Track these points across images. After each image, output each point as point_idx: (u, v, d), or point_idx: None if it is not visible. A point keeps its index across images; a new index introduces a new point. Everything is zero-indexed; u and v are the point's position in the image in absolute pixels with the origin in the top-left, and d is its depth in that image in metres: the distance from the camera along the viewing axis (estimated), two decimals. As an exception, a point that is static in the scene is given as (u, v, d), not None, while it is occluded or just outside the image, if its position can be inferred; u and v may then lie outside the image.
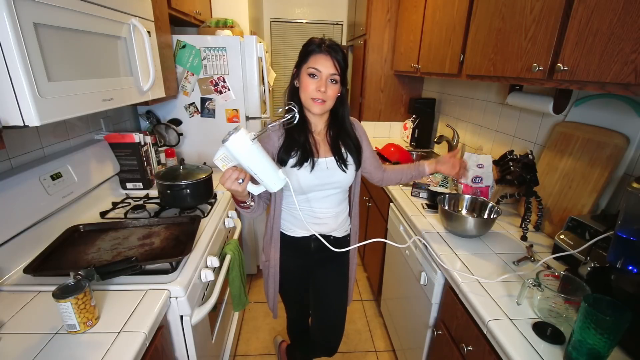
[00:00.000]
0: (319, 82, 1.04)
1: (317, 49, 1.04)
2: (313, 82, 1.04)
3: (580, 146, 1.27)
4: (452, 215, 1.31)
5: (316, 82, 1.04)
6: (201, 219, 1.39)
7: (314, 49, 1.04)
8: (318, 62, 1.03)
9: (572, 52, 0.95)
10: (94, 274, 0.90)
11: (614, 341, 0.70)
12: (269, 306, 1.36)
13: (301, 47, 1.08)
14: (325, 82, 1.04)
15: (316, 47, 1.04)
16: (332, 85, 1.05)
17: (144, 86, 1.31)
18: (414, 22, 2.15)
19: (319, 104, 1.06)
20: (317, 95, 1.04)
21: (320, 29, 4.02)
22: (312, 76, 1.04)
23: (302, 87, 1.07)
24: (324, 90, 1.04)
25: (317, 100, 1.05)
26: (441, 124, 2.52)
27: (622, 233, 0.82)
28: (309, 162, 1.08)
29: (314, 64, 1.03)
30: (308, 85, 1.05)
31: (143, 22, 1.30)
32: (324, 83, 1.04)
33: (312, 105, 1.06)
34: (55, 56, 0.86)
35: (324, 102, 1.06)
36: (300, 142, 1.09)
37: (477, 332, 0.96)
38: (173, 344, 1.07)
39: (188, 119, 2.07)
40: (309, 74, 1.04)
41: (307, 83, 1.05)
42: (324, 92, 1.04)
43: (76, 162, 1.36)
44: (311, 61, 1.04)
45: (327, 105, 1.07)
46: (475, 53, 1.44)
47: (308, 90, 1.05)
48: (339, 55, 1.04)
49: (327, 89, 1.04)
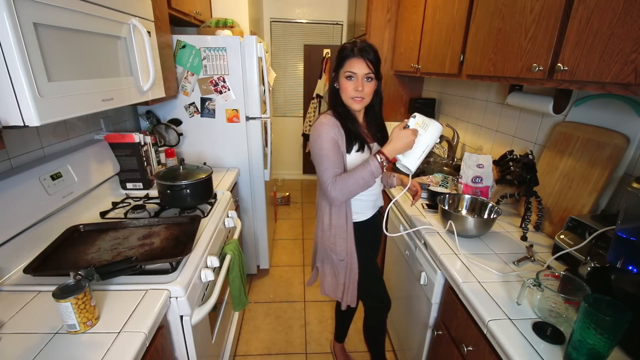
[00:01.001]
0: (356, 82, 1.18)
1: (350, 53, 1.17)
2: (351, 83, 1.19)
3: (580, 146, 1.27)
4: (452, 215, 1.31)
5: (353, 82, 1.18)
6: (201, 219, 1.39)
7: (347, 54, 1.18)
8: (353, 65, 1.17)
9: (572, 52, 0.94)
10: (94, 274, 0.90)
11: (614, 341, 0.70)
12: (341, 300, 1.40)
13: (336, 53, 1.23)
14: (362, 81, 1.18)
15: (349, 52, 1.17)
16: (367, 83, 1.19)
17: (144, 86, 1.31)
18: (414, 22, 2.15)
19: (358, 101, 1.21)
20: (355, 94, 1.19)
21: (320, 29, 4.02)
22: (349, 78, 1.19)
23: (342, 89, 1.22)
24: (362, 89, 1.18)
25: (356, 98, 1.20)
26: (441, 123, 2.52)
27: (622, 233, 0.82)
28: (366, 147, 1.25)
29: (350, 67, 1.17)
30: (347, 87, 1.19)
31: (143, 22, 1.30)
32: (360, 83, 1.18)
33: (353, 103, 1.22)
34: (55, 56, 0.86)
35: (362, 99, 1.21)
36: (356, 132, 1.24)
37: (477, 332, 0.97)
38: (173, 344, 1.07)
39: (188, 119, 2.08)
40: (346, 77, 1.19)
41: (346, 85, 1.19)
42: (362, 91, 1.18)
43: (76, 162, 1.36)
44: (347, 65, 1.18)
45: (365, 101, 1.22)
46: (475, 53, 1.44)
47: (348, 91, 1.20)
48: (371, 55, 1.17)
49: (364, 87, 1.19)
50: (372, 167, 1.12)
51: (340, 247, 1.31)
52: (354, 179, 1.13)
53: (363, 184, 1.14)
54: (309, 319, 2.14)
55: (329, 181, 1.15)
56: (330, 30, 4.04)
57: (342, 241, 1.31)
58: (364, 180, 1.13)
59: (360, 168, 1.13)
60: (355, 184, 1.14)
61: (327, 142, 1.17)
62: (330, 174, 1.16)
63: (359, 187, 1.15)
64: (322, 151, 1.17)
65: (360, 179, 1.13)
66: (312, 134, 1.22)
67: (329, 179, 1.15)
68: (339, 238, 1.30)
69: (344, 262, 1.33)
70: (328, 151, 1.17)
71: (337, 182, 1.15)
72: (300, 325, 2.09)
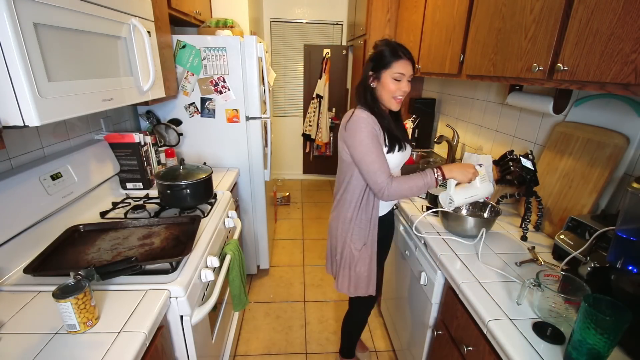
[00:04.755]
0: (402, 83, 1.21)
1: (401, 55, 1.19)
2: (397, 84, 1.21)
3: (580, 146, 1.27)
4: (452, 215, 1.31)
5: (399, 84, 1.21)
6: (201, 219, 1.39)
7: (398, 56, 1.19)
8: (402, 67, 1.19)
9: (572, 52, 0.95)
10: (94, 274, 0.90)
11: (614, 341, 0.70)
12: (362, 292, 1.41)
13: (376, 53, 1.23)
14: (407, 83, 1.22)
15: (399, 54, 1.19)
16: (409, 84, 1.23)
17: (144, 86, 1.31)
18: (413, 22, 2.15)
19: (399, 101, 1.25)
20: (401, 94, 1.23)
21: (320, 29, 4.02)
22: (397, 80, 1.21)
23: (385, 89, 1.23)
24: (406, 90, 1.22)
25: (398, 98, 1.24)
26: (441, 124, 2.52)
27: (622, 233, 0.82)
28: (404, 144, 1.30)
29: (400, 69, 1.19)
30: (394, 87, 1.21)
31: (143, 22, 1.30)
32: (406, 84, 1.22)
33: (394, 103, 1.25)
34: (55, 56, 0.86)
35: (402, 99, 1.25)
36: (394, 132, 1.27)
37: (477, 332, 0.97)
38: (173, 344, 1.07)
39: (188, 119, 2.08)
40: (394, 78, 1.20)
41: (393, 86, 1.21)
42: (406, 92, 1.23)
43: (76, 162, 1.36)
44: (396, 67, 1.19)
45: (403, 100, 1.27)
46: (475, 53, 1.44)
47: (392, 91, 1.22)
48: (412, 57, 1.22)
49: (407, 86, 1.22)
50: (428, 179, 1.19)
51: (357, 236, 1.34)
52: (409, 185, 1.20)
53: (416, 192, 1.21)
54: (309, 319, 2.15)
55: (385, 182, 1.19)
56: (330, 30, 4.04)
57: (362, 231, 1.34)
58: (418, 188, 1.20)
59: (417, 177, 1.20)
60: (410, 190, 1.20)
61: (369, 139, 1.19)
62: (386, 175, 1.19)
63: (411, 194, 1.22)
64: (370, 149, 1.19)
65: (415, 186, 1.20)
66: (351, 129, 1.22)
67: (385, 180, 1.19)
68: (358, 228, 1.34)
69: (363, 251, 1.35)
70: (375, 149, 1.19)
71: (393, 184, 1.19)
72: (300, 325, 2.09)
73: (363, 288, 1.40)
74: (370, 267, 1.38)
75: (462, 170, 1.21)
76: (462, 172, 1.21)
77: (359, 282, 1.40)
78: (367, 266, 1.37)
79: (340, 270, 1.42)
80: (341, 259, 1.40)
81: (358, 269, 1.38)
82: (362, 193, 1.30)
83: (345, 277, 1.41)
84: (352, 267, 1.38)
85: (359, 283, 1.40)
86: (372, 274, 1.39)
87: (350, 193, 1.32)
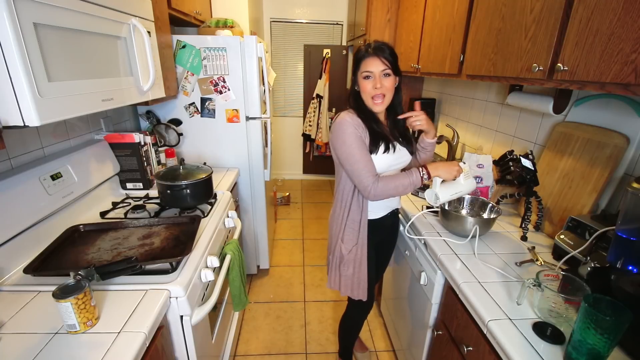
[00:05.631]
0: (374, 81, 1.20)
1: (365, 54, 1.20)
2: (369, 82, 1.21)
3: (580, 146, 1.27)
4: (452, 215, 1.31)
5: (371, 81, 1.21)
6: (201, 219, 1.39)
7: (362, 55, 1.21)
8: (368, 64, 1.19)
9: (572, 52, 0.94)
10: (94, 274, 0.90)
11: (614, 341, 0.70)
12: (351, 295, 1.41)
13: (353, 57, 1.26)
14: (379, 78, 1.19)
15: (364, 52, 1.20)
16: (386, 79, 1.21)
17: (144, 86, 1.31)
18: (413, 22, 2.15)
19: (378, 103, 1.22)
20: (374, 92, 1.21)
21: (320, 29, 4.02)
22: (367, 78, 1.21)
23: (361, 89, 1.24)
24: (380, 86, 1.19)
25: (376, 97, 1.21)
26: (441, 124, 2.52)
27: (622, 233, 0.82)
28: (392, 146, 1.27)
29: (366, 67, 1.20)
30: (366, 86, 1.21)
31: (143, 22, 1.30)
32: (378, 80, 1.19)
33: (373, 105, 1.24)
34: (55, 56, 0.86)
35: (383, 96, 1.22)
36: (381, 133, 1.26)
37: (477, 332, 0.97)
38: (173, 344, 1.07)
39: (188, 119, 2.08)
40: (364, 77, 1.21)
41: (365, 85, 1.22)
42: (381, 87, 1.20)
43: (76, 162, 1.36)
44: (363, 66, 1.20)
45: (386, 99, 1.23)
46: (475, 53, 1.44)
47: (367, 91, 1.22)
48: (386, 52, 1.19)
49: (383, 82, 1.20)
50: (414, 178, 1.20)
51: (348, 237, 1.34)
52: (395, 184, 1.20)
53: (402, 191, 1.21)
54: (309, 319, 2.15)
55: (369, 182, 1.19)
56: (330, 30, 4.04)
57: (353, 232, 1.33)
58: (404, 187, 1.20)
59: (403, 176, 1.21)
60: (395, 190, 1.21)
61: (352, 139, 1.19)
62: (371, 174, 1.20)
63: (397, 193, 1.22)
64: (354, 150, 1.19)
65: (400, 185, 1.20)
66: (335, 130, 1.23)
67: (371, 179, 1.19)
68: (350, 229, 1.34)
69: (352, 253, 1.35)
70: (359, 149, 1.19)
71: (379, 184, 1.19)
72: (300, 325, 2.09)
73: (350, 291, 1.40)
74: (360, 271, 1.37)
75: (447, 168, 1.22)
76: (447, 170, 1.21)
77: (347, 283, 1.40)
78: (355, 269, 1.37)
79: (332, 269, 1.43)
80: (333, 257, 1.41)
81: (345, 270, 1.38)
82: (351, 194, 1.31)
83: (336, 276, 1.41)
84: (340, 267, 1.39)
85: (347, 284, 1.40)
86: (361, 278, 1.38)
87: (341, 193, 1.33)
